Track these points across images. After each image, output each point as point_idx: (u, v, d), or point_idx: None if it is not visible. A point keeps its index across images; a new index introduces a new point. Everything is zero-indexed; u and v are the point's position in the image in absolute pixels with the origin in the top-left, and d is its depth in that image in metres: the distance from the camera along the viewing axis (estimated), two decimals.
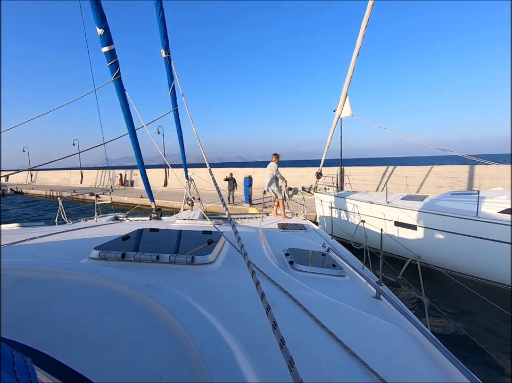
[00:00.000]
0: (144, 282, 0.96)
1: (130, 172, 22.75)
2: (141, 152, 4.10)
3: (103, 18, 3.01)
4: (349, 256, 2.38)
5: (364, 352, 0.81)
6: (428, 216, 5.39)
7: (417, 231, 5.62)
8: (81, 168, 25.87)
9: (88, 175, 25.67)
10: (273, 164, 5.91)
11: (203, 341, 0.68)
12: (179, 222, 3.00)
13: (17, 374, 0.28)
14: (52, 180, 27.33)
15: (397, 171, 11.95)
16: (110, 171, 24.24)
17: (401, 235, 5.90)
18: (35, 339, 0.66)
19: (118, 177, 22.53)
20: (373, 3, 5.64)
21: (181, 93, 4.03)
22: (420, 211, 5.51)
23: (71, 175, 26.66)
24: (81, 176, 25.68)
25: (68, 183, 25.70)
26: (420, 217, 5.52)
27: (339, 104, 7.25)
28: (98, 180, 24.54)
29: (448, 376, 0.82)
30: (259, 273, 1.37)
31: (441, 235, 5.24)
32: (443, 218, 5.14)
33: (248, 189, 11.71)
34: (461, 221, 4.91)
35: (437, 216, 5.21)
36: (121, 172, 22.93)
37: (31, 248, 1.62)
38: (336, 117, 7.40)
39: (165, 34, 4.38)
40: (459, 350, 3.10)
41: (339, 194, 7.49)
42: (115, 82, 3.42)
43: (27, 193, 22.19)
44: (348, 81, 6.95)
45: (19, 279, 0.95)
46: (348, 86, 7.04)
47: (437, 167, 10.97)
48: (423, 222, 5.48)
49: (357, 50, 6.48)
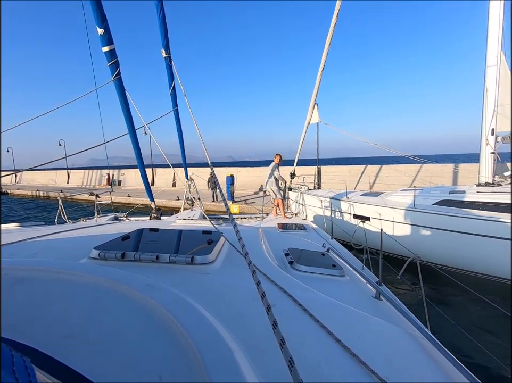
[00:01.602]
0: (144, 282, 0.96)
1: (118, 172, 23.07)
2: (141, 153, 4.11)
3: (103, 18, 3.01)
4: (349, 256, 2.39)
5: (364, 352, 0.82)
6: (377, 208, 6.33)
7: (370, 222, 6.55)
8: (67, 168, 25.92)
9: (74, 175, 25.74)
10: (273, 164, 6.02)
11: (202, 341, 0.68)
12: (179, 222, 3.03)
13: (17, 374, 0.28)
14: (38, 180, 27.19)
15: (368, 169, 13.01)
16: (97, 171, 24.47)
17: (360, 226, 6.82)
18: (35, 338, 0.67)
19: (105, 177, 22.81)
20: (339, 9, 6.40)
21: (183, 93, 4.12)
22: (371, 205, 6.44)
23: (57, 175, 26.61)
24: (67, 176, 25.73)
25: (54, 184, 25.67)
26: (371, 210, 6.45)
27: (308, 112, 8.12)
28: (84, 180, 24.68)
29: (448, 377, 0.82)
30: (259, 273, 1.37)
31: (388, 224, 6.17)
32: (387, 209, 6.08)
33: (230, 187, 12.50)
34: (401, 211, 5.86)
35: (383, 208, 6.15)
36: (108, 171, 23.22)
37: (31, 247, 1.62)
38: (306, 123, 8.28)
39: (166, 34, 4.40)
40: (458, 350, 3.20)
41: (309, 192, 8.36)
42: (115, 81, 3.41)
43: (13, 193, 22.16)
44: (315, 92, 7.85)
45: (19, 278, 0.96)
46: (316, 96, 7.93)
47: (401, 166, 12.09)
48: (374, 214, 6.41)
49: (322, 64, 7.40)
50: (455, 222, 5.16)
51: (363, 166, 13.35)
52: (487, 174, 6.13)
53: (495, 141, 6.07)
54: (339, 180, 12.36)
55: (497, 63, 5.84)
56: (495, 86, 5.89)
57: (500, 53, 5.85)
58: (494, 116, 5.96)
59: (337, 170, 14.02)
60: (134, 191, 17.94)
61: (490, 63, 5.94)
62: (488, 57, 5.97)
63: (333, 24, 6.91)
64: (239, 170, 16.96)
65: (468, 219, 5.00)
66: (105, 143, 3.62)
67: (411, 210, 5.73)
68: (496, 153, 6.03)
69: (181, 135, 5.57)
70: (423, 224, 5.64)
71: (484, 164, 6.20)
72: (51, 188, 22.92)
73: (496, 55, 5.85)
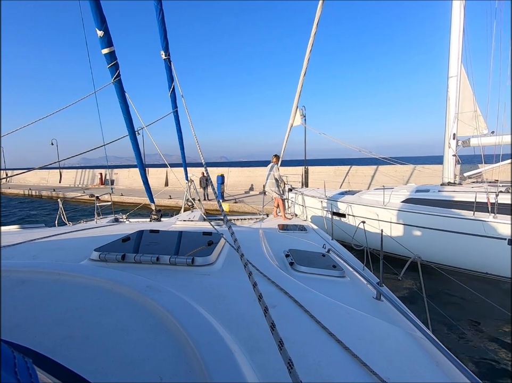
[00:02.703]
0: (144, 284, 0.97)
1: (110, 172, 23.30)
2: (141, 154, 4.09)
3: (103, 20, 3.01)
4: (350, 257, 2.40)
5: (364, 353, 0.82)
6: (351, 206, 6.90)
7: (346, 218, 7.12)
8: (59, 168, 25.98)
9: (66, 175, 25.81)
10: (273, 164, 5.96)
11: (203, 342, 0.68)
12: (179, 223, 3.03)
13: (18, 375, 0.28)
14: (29, 179, 27.13)
15: (353, 170, 13.66)
16: (90, 170, 24.61)
17: (336, 224, 7.38)
18: (35, 340, 0.67)
19: (98, 177, 23.02)
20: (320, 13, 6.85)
21: (181, 95, 4.08)
22: (346, 203, 7.01)
23: (49, 174, 26.62)
24: (60, 176, 25.79)
25: (46, 183, 25.69)
26: (346, 208, 7.02)
27: (291, 115, 8.66)
28: (77, 179, 24.81)
29: (449, 377, 0.82)
30: (260, 274, 1.38)
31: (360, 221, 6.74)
32: (360, 207, 6.66)
33: (220, 186, 13.01)
34: (372, 209, 6.44)
35: (356, 206, 6.73)
36: (101, 171, 23.41)
37: (31, 249, 1.63)
38: (289, 126, 8.81)
39: (165, 36, 4.38)
40: (459, 351, 3.19)
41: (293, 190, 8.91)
42: (115, 83, 3.42)
43: (4, 192, 22.16)
44: (297, 96, 8.37)
45: (19, 280, 0.96)
46: (298, 101, 8.46)
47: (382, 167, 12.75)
48: (349, 211, 6.98)
49: (304, 70, 7.92)
50: (420, 218, 5.75)
51: (348, 167, 14.00)
52: (450, 174, 6.77)
53: (456, 145, 6.70)
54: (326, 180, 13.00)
55: (458, 74, 6.48)
56: (456, 95, 6.52)
57: (460, 65, 6.49)
58: (455, 122, 6.60)
59: (323, 170, 14.64)
60: (127, 190, 18.29)
61: (451, 74, 6.57)
62: (450, 68, 6.61)
63: (313, 32, 7.39)
64: (230, 170, 17.45)
65: (431, 216, 5.60)
66: (105, 145, 3.63)
67: (381, 207, 6.32)
68: (457, 155, 6.67)
69: (180, 136, 5.55)
70: (392, 220, 6.23)
71: (446, 165, 6.83)
72: (43, 187, 23.00)
73: (457, 67, 6.49)
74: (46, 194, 19.39)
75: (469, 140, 6.56)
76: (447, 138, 6.75)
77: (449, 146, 6.72)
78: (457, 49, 6.45)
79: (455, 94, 6.52)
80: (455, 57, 6.50)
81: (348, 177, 13.27)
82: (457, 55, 6.47)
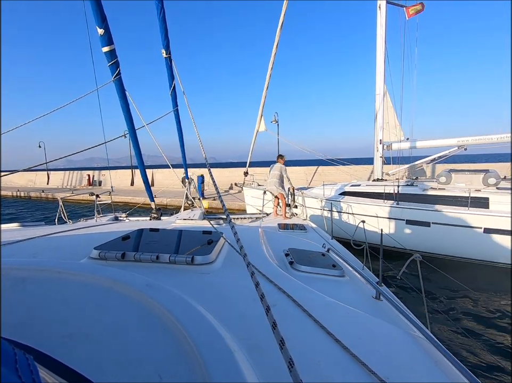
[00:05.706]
0: (144, 282, 0.97)
1: (98, 173, 24.18)
2: (141, 153, 4.08)
3: (103, 18, 2.99)
4: (349, 256, 2.42)
5: (364, 353, 0.82)
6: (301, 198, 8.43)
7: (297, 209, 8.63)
8: (47, 169, 26.59)
9: (54, 177, 26.37)
10: (281, 165, 5.91)
11: (202, 342, 0.68)
12: (179, 222, 3.06)
13: (20, 372, 0.28)
14: (15, 181, 27.46)
15: (320, 169, 15.34)
16: (77, 172, 25.37)
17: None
18: (35, 338, 0.67)
19: (86, 178, 23.87)
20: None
21: (182, 91, 4.12)
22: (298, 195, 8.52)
23: (36, 176, 27.08)
24: (47, 177, 26.36)
25: (34, 185, 26.18)
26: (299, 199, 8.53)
27: (257, 122, 10.10)
28: (65, 181, 25.45)
29: (448, 377, 0.82)
30: (259, 274, 1.37)
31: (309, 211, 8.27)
32: (307, 199, 8.19)
33: (201, 185, 14.44)
34: (315, 200, 7.98)
35: (304, 198, 8.26)
36: (88, 173, 24.24)
37: (31, 247, 1.63)
38: (254, 131, 10.25)
39: (166, 34, 4.33)
40: (458, 351, 3.19)
41: (257, 187, 10.36)
42: (115, 82, 3.40)
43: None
44: (262, 105, 9.79)
45: (19, 278, 0.97)
46: (263, 109, 9.88)
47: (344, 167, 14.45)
48: (300, 202, 8.50)
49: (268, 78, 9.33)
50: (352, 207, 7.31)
51: (316, 167, 15.67)
52: (378, 172, 8.42)
53: (382, 149, 8.35)
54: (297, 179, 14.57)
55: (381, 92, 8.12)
56: (381, 108, 8.17)
57: (383, 85, 8.14)
58: (381, 130, 8.24)
59: (295, 170, 16.23)
60: (115, 190, 19.37)
61: (377, 92, 8.22)
62: (376, 87, 8.26)
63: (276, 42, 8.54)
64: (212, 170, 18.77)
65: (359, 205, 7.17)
66: (105, 143, 3.72)
67: (321, 199, 7.86)
68: (383, 157, 8.32)
69: (181, 135, 5.46)
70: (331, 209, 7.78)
71: (375, 165, 8.48)
72: (31, 188, 23.58)
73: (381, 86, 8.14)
74: (35, 196, 20.16)
75: (391, 145, 8.22)
76: (376, 143, 8.40)
77: (377, 149, 8.37)
78: (381, 71, 8.11)
79: (380, 108, 8.16)
80: (380, 79, 8.15)
81: (315, 176, 14.90)
82: (382, 77, 8.12)
